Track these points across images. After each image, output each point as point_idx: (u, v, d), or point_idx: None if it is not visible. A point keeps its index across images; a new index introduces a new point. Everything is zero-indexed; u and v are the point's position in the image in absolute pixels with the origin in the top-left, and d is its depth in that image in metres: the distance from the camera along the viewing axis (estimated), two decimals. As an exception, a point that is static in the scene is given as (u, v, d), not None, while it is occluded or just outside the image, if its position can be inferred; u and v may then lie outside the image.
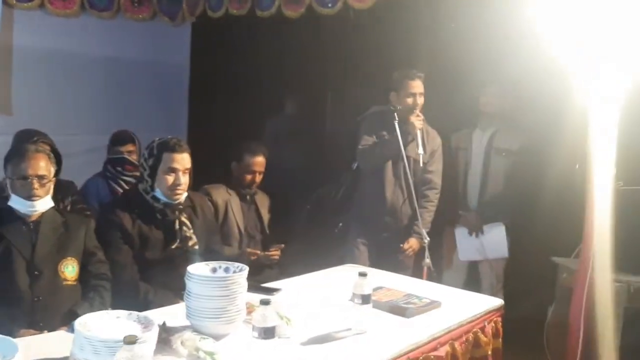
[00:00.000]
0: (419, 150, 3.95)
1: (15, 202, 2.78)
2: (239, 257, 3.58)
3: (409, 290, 2.97)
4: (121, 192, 4.02)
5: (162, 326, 2.23)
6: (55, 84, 5.22)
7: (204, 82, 6.16)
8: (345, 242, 4.23)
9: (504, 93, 4.28)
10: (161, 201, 3.15)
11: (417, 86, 3.99)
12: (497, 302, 3.02)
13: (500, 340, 2.94)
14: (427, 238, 3.90)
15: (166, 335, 2.21)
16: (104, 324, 2.08)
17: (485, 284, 4.38)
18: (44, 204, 2.82)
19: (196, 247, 3.19)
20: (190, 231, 3.20)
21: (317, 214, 4.60)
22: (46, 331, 2.59)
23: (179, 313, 2.49)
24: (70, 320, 2.39)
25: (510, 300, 3.56)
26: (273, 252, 3.97)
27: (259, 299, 2.26)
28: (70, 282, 2.83)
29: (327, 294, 2.97)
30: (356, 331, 2.45)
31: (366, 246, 4.16)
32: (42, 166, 2.79)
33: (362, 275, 2.53)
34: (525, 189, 4.12)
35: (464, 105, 4.39)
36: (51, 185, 2.85)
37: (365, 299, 2.50)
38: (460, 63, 4.30)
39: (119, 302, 2.74)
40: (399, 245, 4.08)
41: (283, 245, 4.00)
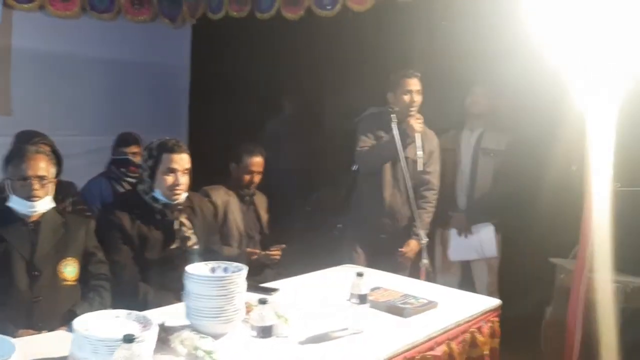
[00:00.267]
0: (417, 151, 3.97)
1: (15, 203, 2.77)
2: (238, 257, 3.59)
3: (406, 291, 2.98)
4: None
5: (161, 325, 2.25)
6: (56, 86, 5.23)
7: (204, 84, 6.18)
8: (343, 243, 4.24)
9: (491, 93, 4.30)
10: (160, 202, 3.17)
11: (413, 84, 4.01)
12: (494, 302, 3.04)
13: (497, 340, 2.95)
14: (425, 239, 3.92)
15: (165, 335, 2.22)
16: (103, 323, 2.09)
17: (479, 284, 4.39)
18: (44, 204, 2.82)
19: (195, 247, 3.20)
20: (190, 231, 3.22)
21: (316, 215, 4.61)
22: (45, 331, 2.59)
23: (178, 312, 2.50)
24: (70, 320, 2.38)
25: (508, 301, 3.58)
26: (274, 252, 3.98)
27: (257, 298, 2.27)
28: (69, 283, 2.83)
29: (325, 293, 2.98)
30: (353, 331, 2.46)
31: (364, 247, 4.15)
32: (43, 167, 2.79)
33: (359, 275, 2.55)
34: (514, 189, 4.13)
35: (455, 106, 4.42)
36: (51, 186, 2.85)
37: (362, 298, 2.52)
38: (457, 64, 4.32)
39: (118, 302, 2.73)
40: (396, 246, 4.08)
41: (284, 245, 4.02)
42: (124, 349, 1.75)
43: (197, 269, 2.45)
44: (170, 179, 3.12)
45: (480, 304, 2.99)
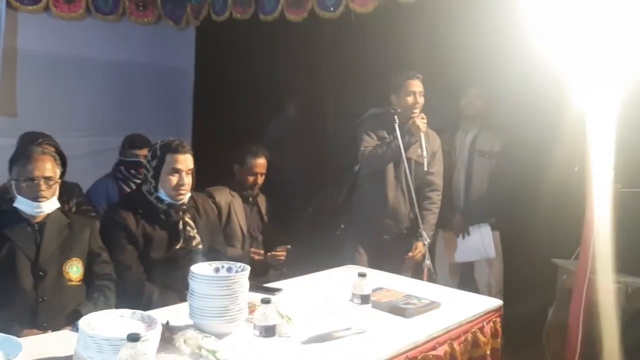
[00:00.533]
0: (422, 152, 3.98)
1: (22, 204, 2.78)
2: (242, 258, 3.60)
3: (408, 291, 3.00)
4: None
5: (165, 325, 2.27)
6: (60, 87, 5.24)
7: (208, 85, 6.19)
8: (346, 243, 4.25)
9: (485, 95, 4.31)
10: (165, 202, 3.18)
11: (416, 85, 4.01)
12: (496, 302, 3.04)
13: (498, 341, 2.96)
14: (428, 239, 3.93)
15: (169, 334, 2.24)
16: (107, 322, 2.11)
17: (482, 284, 4.40)
18: (50, 205, 2.83)
19: (200, 247, 3.21)
20: (194, 231, 3.23)
21: (319, 216, 4.62)
22: (50, 331, 2.60)
23: (182, 312, 2.53)
24: (75, 320, 2.42)
25: (510, 301, 3.59)
26: (279, 253, 4.00)
27: (261, 298, 2.29)
28: (74, 283, 2.84)
29: (328, 294, 3.00)
30: (356, 330, 2.48)
31: (366, 248, 4.16)
32: (49, 168, 2.80)
33: (362, 275, 2.56)
34: (511, 190, 4.14)
35: (451, 107, 4.44)
36: (57, 187, 2.86)
37: (364, 299, 2.53)
38: (457, 65, 4.32)
39: (124, 302, 2.75)
40: (399, 247, 4.09)
41: (289, 246, 4.03)
42: (128, 347, 1.76)
43: (201, 269, 2.46)
44: (174, 179, 3.13)
45: (482, 304, 3.00)
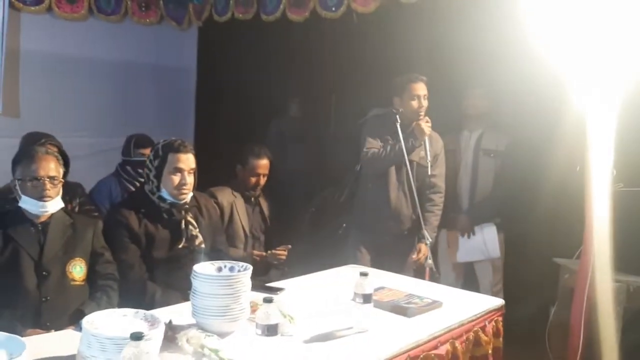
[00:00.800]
0: (425, 154, 3.97)
1: (27, 203, 2.78)
2: (244, 259, 3.60)
3: (410, 291, 3.00)
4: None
5: (168, 324, 2.28)
6: (63, 87, 5.25)
7: (210, 86, 6.20)
8: (348, 243, 4.25)
9: (489, 95, 4.31)
10: (167, 201, 3.18)
11: (420, 88, 3.97)
12: (498, 301, 3.05)
13: (500, 340, 2.97)
14: (430, 239, 3.94)
15: (172, 333, 2.24)
16: (111, 321, 2.11)
17: (484, 284, 4.40)
18: (54, 204, 2.83)
19: (202, 247, 3.22)
20: (196, 230, 3.23)
21: (321, 215, 4.63)
22: (53, 331, 2.61)
23: (184, 311, 2.54)
24: (78, 320, 2.42)
25: (513, 301, 3.58)
26: (280, 252, 4.01)
27: (263, 297, 2.30)
28: (78, 283, 2.85)
29: (330, 293, 3.00)
30: (357, 330, 2.49)
31: (368, 248, 4.16)
32: (52, 167, 2.81)
33: (363, 275, 2.56)
34: (516, 189, 4.13)
35: (454, 107, 4.44)
36: (61, 187, 2.87)
37: (366, 298, 2.53)
38: (459, 65, 4.32)
39: (127, 301, 2.76)
40: (400, 247, 4.10)
41: (290, 246, 4.04)
42: (131, 346, 1.77)
43: (204, 268, 2.47)
44: (176, 178, 3.14)
45: (484, 303, 3.00)
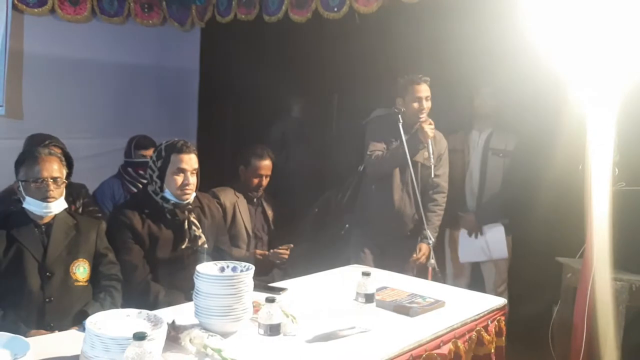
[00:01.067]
0: (428, 155, 3.96)
1: (31, 204, 2.80)
2: (246, 259, 3.62)
3: (413, 290, 3.01)
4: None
5: (171, 324, 2.29)
6: (66, 89, 5.27)
7: (213, 86, 6.21)
8: (351, 243, 4.25)
9: (497, 94, 4.30)
10: (170, 201, 3.19)
11: (423, 90, 3.97)
12: (501, 301, 3.04)
13: (503, 339, 2.97)
14: (432, 239, 3.94)
15: (175, 333, 2.25)
16: (114, 322, 2.12)
17: (489, 285, 4.40)
18: (58, 205, 2.84)
19: (205, 247, 3.23)
20: (199, 231, 3.24)
21: (324, 216, 4.63)
22: (57, 331, 2.62)
23: (187, 311, 2.54)
24: (81, 320, 2.44)
25: (516, 300, 3.59)
26: (282, 250, 4.01)
27: (265, 297, 2.30)
28: (81, 283, 2.87)
29: (332, 293, 3.01)
30: (360, 329, 2.49)
31: (371, 248, 4.16)
32: (56, 168, 2.82)
33: (366, 274, 2.56)
34: (523, 189, 4.13)
35: (463, 107, 4.43)
36: (64, 188, 2.88)
37: (368, 297, 2.53)
38: (463, 64, 4.32)
39: (130, 301, 2.77)
40: (403, 247, 4.09)
41: (292, 245, 4.04)
42: (134, 346, 1.77)
43: (207, 268, 2.48)
44: (179, 179, 3.15)
45: (487, 303, 3.00)
